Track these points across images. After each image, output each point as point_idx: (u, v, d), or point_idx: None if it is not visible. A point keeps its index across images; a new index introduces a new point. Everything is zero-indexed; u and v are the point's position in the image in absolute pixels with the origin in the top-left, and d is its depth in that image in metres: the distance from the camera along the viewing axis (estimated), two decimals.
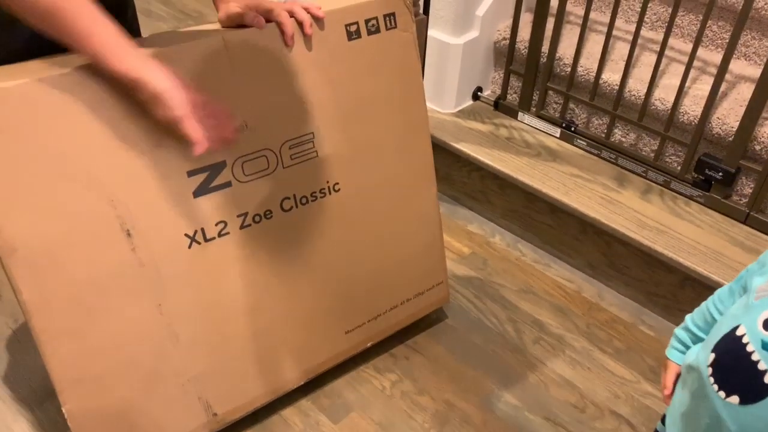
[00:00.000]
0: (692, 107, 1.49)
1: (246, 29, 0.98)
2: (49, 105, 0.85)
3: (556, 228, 1.60)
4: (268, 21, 0.99)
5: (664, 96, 1.53)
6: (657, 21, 1.71)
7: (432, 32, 1.72)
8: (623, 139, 1.65)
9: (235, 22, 0.99)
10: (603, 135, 1.66)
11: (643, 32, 1.71)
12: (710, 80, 1.44)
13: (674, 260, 1.38)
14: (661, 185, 1.58)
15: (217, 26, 1.00)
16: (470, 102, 1.85)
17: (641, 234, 1.44)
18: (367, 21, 1.09)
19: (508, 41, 1.75)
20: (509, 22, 1.76)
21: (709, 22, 1.61)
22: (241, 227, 1.05)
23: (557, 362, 1.37)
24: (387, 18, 1.11)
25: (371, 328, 1.29)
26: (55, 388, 0.96)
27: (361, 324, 1.27)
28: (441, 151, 1.72)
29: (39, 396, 1.25)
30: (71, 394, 0.97)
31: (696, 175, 1.51)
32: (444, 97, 1.79)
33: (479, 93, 1.85)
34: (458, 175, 1.75)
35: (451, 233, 1.69)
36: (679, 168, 1.55)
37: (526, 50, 1.70)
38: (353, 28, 1.08)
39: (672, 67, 1.61)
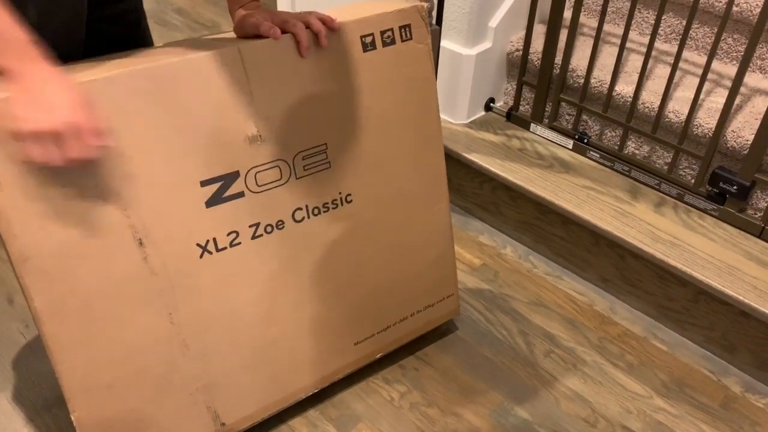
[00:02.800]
0: (706, 120, 1.48)
1: (261, 40, 0.98)
2: None
3: (568, 240, 1.59)
4: (283, 32, 0.99)
5: (678, 108, 1.52)
6: (671, 33, 1.71)
7: (445, 43, 1.73)
8: (636, 152, 1.64)
9: (251, 33, 0.99)
10: (616, 147, 1.65)
11: (657, 44, 1.71)
12: (725, 93, 1.43)
13: (688, 274, 1.37)
14: (674, 198, 1.56)
15: (232, 36, 1.01)
16: (482, 113, 1.85)
17: (654, 247, 1.42)
18: (382, 33, 1.09)
19: (521, 52, 1.75)
20: (522, 33, 1.76)
21: (724, 34, 1.60)
22: (253, 237, 1.05)
23: (568, 376, 1.36)
24: (402, 30, 1.11)
25: (381, 339, 1.29)
26: (64, 395, 0.96)
27: (371, 335, 1.27)
28: (453, 161, 1.71)
29: (48, 402, 1.25)
30: (81, 402, 0.97)
31: (710, 189, 1.50)
32: (456, 107, 1.79)
33: (491, 104, 1.85)
34: (470, 186, 1.75)
35: (462, 244, 1.68)
36: (693, 181, 1.54)
37: (539, 61, 1.70)
38: (368, 39, 1.07)
39: (686, 80, 1.60)
